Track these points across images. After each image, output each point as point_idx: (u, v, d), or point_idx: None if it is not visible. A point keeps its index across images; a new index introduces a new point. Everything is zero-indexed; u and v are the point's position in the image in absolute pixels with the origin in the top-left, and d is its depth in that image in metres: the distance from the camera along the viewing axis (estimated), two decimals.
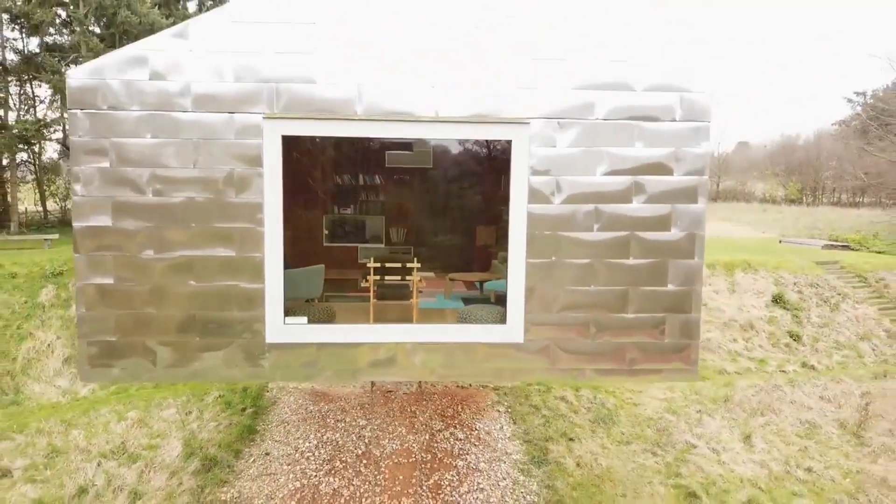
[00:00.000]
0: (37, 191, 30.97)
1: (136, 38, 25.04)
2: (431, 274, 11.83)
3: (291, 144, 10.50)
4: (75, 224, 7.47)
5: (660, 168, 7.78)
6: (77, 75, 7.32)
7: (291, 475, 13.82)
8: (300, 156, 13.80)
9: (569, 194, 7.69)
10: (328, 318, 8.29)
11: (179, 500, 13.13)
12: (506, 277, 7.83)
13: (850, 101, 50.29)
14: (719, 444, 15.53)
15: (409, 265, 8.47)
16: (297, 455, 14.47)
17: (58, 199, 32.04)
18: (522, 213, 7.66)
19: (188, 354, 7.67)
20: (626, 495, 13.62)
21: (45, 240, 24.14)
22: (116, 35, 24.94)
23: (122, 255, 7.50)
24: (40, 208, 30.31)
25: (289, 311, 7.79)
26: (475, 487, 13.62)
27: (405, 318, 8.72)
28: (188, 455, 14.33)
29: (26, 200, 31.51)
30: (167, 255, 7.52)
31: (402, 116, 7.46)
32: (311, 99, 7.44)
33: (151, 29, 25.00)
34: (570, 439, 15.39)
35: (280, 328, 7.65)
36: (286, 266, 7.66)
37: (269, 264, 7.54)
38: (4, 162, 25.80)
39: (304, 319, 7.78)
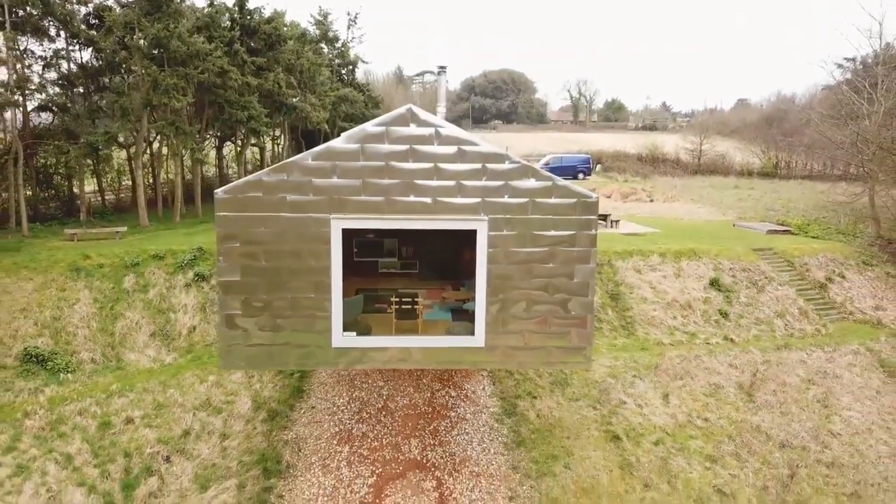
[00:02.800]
0: (92, 180, 36.11)
1: (183, 62, 29.89)
2: (433, 286, 17.23)
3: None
4: (220, 279, 12.79)
5: (567, 240, 12.99)
6: (221, 192, 12.54)
7: (331, 422, 19.42)
8: None
9: (512, 250, 12.99)
10: (367, 331, 13.71)
11: (255, 439, 18.77)
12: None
13: (840, 66, 52.42)
14: (644, 400, 21.06)
15: (416, 299, 13.89)
16: (334, 408, 20.04)
17: (113, 188, 37.35)
18: (483, 269, 12.96)
19: (290, 352, 13.09)
20: (569, 437, 19.21)
21: (116, 232, 29.44)
22: (165, 58, 29.71)
23: (247, 297, 12.85)
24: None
25: (345, 326, 13.18)
26: (462, 432, 19.22)
27: (413, 328, 14.17)
28: (256, 408, 19.93)
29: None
30: (276, 295, 12.86)
31: (415, 216, 12.70)
32: (357, 204, 12.67)
33: (197, 55, 29.81)
34: (534, 397, 20.90)
35: (340, 338, 13.05)
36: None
37: (334, 301, 12.90)
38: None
39: (354, 333, 13.18)
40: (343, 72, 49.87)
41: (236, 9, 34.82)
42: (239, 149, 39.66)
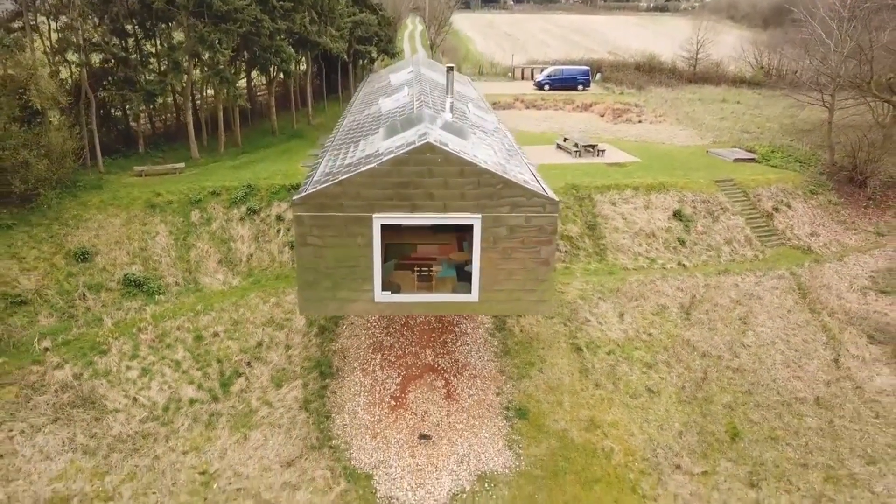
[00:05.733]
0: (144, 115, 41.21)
1: (223, 17, 34.27)
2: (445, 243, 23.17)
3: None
4: (298, 258, 18.75)
5: (535, 229, 18.78)
6: (298, 199, 18.24)
7: (367, 335, 25.92)
8: None
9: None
10: (397, 290, 19.81)
11: (311, 349, 25.35)
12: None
13: None
14: (604, 319, 27.42)
15: (432, 266, 19.94)
16: (368, 324, 26.48)
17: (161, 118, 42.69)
18: (478, 250, 18.87)
19: (346, 305, 19.30)
20: (544, 348, 25.72)
21: (175, 168, 35.02)
22: (206, 14, 34.06)
23: (316, 268, 18.89)
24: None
25: (382, 286, 19.24)
26: (464, 343, 25.72)
27: (429, 287, 20.28)
28: (310, 324, 26.38)
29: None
30: (336, 266, 18.87)
31: (431, 214, 18.45)
32: (391, 206, 18.40)
33: (235, 10, 34.12)
34: (520, 316, 27.24)
35: (380, 295, 19.19)
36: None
37: (375, 271, 18.91)
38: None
39: (389, 292, 19.29)
40: None
41: None
42: (270, 78, 44.16)
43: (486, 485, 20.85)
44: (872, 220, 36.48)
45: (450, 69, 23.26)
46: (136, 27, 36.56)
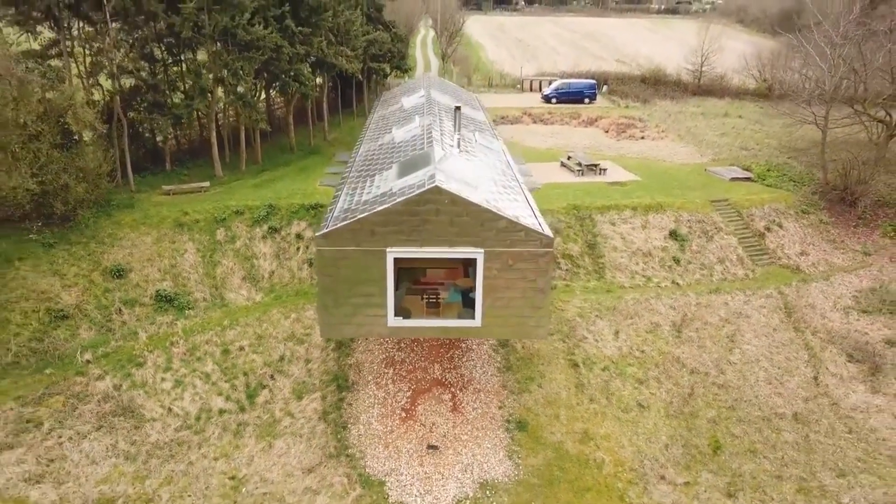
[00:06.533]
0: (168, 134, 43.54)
1: (247, 46, 36.52)
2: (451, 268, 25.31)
3: None
4: (319, 285, 20.96)
5: (532, 261, 20.91)
6: (320, 237, 20.43)
7: (380, 351, 28.08)
8: None
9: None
10: (408, 315, 21.99)
11: (329, 363, 27.57)
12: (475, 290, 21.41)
13: None
14: (600, 336, 29.49)
15: (440, 296, 22.10)
16: (381, 340, 28.66)
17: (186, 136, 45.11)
18: (480, 281, 21.00)
19: (362, 328, 21.51)
20: (543, 364, 27.82)
21: (201, 187, 37.35)
22: (230, 43, 36.31)
23: (336, 295, 21.09)
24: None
25: (395, 311, 21.43)
26: (469, 359, 27.85)
27: (437, 312, 22.44)
28: (327, 340, 28.60)
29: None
30: (353, 294, 21.07)
31: (438, 248, 20.61)
32: (403, 241, 20.57)
33: (257, 39, 36.34)
34: None
35: (392, 320, 21.38)
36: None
37: (388, 299, 21.09)
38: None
39: (401, 318, 21.48)
40: (371, 11, 55.13)
41: None
42: (289, 98, 46.37)
43: (487, 492, 23.02)
44: (861, 239, 38.29)
45: (457, 109, 25.43)
46: (164, 52, 38.87)
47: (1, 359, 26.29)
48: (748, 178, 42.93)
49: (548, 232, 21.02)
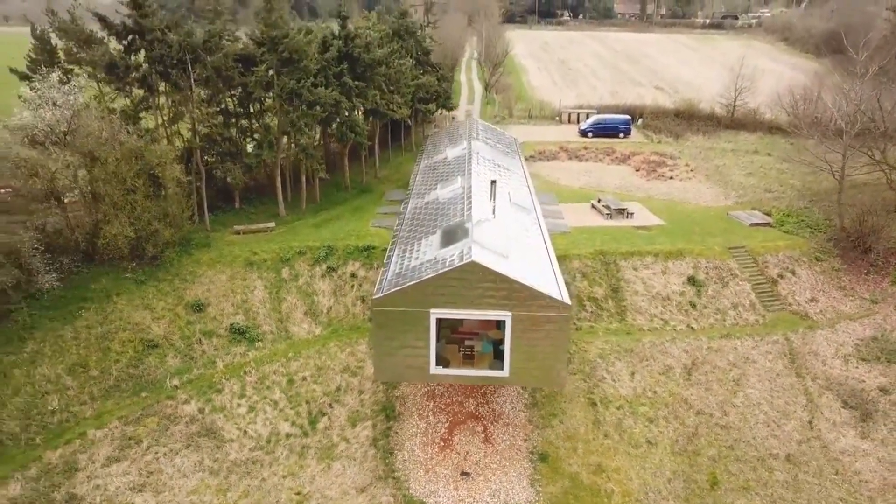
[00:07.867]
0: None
1: (310, 104, 41.17)
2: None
3: None
4: (374, 338, 25.33)
5: (552, 324, 24.91)
6: (375, 299, 24.78)
7: (422, 385, 32.29)
8: None
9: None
10: (446, 364, 26.24)
11: (378, 395, 31.86)
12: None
13: None
14: (617, 377, 33.21)
15: (474, 348, 26.30)
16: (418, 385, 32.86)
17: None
18: (508, 339, 25.10)
19: (409, 373, 25.82)
20: (565, 402, 31.70)
21: (267, 227, 42.23)
22: (294, 101, 41.04)
23: (387, 344, 25.44)
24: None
25: (436, 360, 25.67)
26: (500, 395, 31.84)
27: (471, 363, 26.64)
28: None
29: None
30: (403, 345, 25.38)
31: (473, 310, 24.78)
32: (444, 302, 24.79)
33: (319, 97, 41.01)
34: None
35: (434, 369, 25.64)
36: None
37: (431, 350, 25.35)
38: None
39: (441, 367, 25.73)
40: (419, 55, 59.48)
41: (341, 41, 45.18)
42: (344, 143, 51.06)
43: None
44: (871, 286, 41.05)
45: (493, 183, 29.63)
46: (236, 105, 43.89)
47: (105, 383, 31.38)
48: (767, 224, 45.91)
49: (566, 300, 25.02)
